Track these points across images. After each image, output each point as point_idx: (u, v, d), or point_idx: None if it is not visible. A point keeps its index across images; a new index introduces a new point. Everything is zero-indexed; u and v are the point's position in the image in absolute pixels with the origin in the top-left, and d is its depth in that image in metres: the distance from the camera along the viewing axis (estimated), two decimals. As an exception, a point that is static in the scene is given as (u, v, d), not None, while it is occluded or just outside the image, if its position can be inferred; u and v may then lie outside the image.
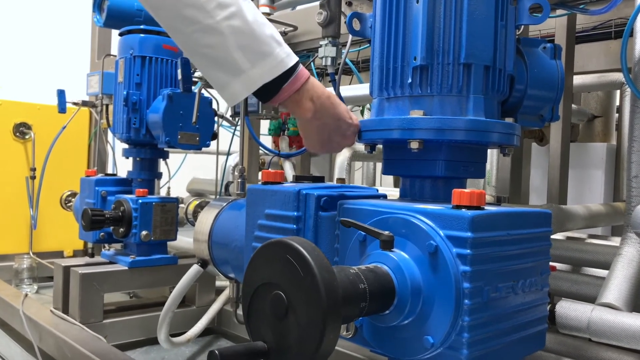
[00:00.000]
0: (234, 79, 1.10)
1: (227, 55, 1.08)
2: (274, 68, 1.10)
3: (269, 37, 1.10)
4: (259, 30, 1.09)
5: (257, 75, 1.09)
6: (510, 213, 1.05)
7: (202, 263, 1.68)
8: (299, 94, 1.15)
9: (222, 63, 1.10)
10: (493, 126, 1.13)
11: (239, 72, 1.09)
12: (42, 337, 2.01)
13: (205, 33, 1.07)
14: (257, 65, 1.09)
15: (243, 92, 1.12)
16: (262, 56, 1.09)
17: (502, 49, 1.16)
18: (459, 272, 0.94)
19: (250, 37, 1.08)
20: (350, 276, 0.91)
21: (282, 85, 1.11)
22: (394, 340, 1.01)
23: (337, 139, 1.22)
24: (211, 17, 1.06)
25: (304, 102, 1.16)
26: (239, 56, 1.08)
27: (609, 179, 2.71)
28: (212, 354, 0.79)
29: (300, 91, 1.14)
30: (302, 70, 1.15)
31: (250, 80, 1.10)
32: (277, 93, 1.12)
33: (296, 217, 1.27)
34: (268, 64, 1.09)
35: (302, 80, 1.14)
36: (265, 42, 1.09)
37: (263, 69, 1.09)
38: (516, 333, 1.06)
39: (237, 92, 1.12)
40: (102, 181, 2.37)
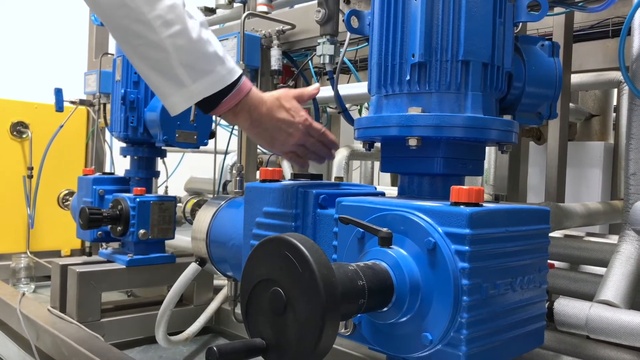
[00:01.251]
0: (175, 92, 1.19)
1: (170, 70, 1.17)
2: (214, 84, 1.19)
3: (211, 55, 1.19)
4: (202, 48, 1.18)
5: (197, 90, 1.19)
6: (508, 210, 1.05)
7: (200, 261, 1.68)
8: (237, 107, 1.25)
9: (165, 76, 1.18)
10: (491, 123, 1.12)
11: (181, 86, 1.18)
12: (39, 336, 2.00)
13: (150, 48, 1.16)
14: (198, 81, 1.18)
15: (183, 104, 1.21)
16: (204, 73, 1.18)
17: (500, 46, 1.16)
18: (458, 269, 0.94)
19: (193, 55, 1.17)
20: (348, 273, 0.90)
21: (221, 99, 1.21)
22: (392, 338, 1.01)
23: (281, 138, 1.32)
24: (156, 34, 1.14)
25: (242, 114, 1.27)
26: (182, 72, 1.17)
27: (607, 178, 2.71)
28: (211, 351, 0.79)
29: (238, 105, 1.25)
30: (244, 84, 1.24)
31: (191, 94, 1.19)
32: (216, 106, 1.23)
33: (294, 214, 1.27)
34: (208, 80, 1.19)
35: (242, 95, 1.24)
36: (208, 60, 1.19)
37: (203, 85, 1.19)
38: (515, 330, 1.06)
39: (177, 103, 1.21)
40: (99, 180, 2.37)
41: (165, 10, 1.15)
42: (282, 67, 2.06)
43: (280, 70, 2.03)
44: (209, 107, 1.23)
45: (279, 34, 2.01)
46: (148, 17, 1.13)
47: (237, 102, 1.24)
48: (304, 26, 1.99)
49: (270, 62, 2.03)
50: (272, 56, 2.01)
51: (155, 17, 1.14)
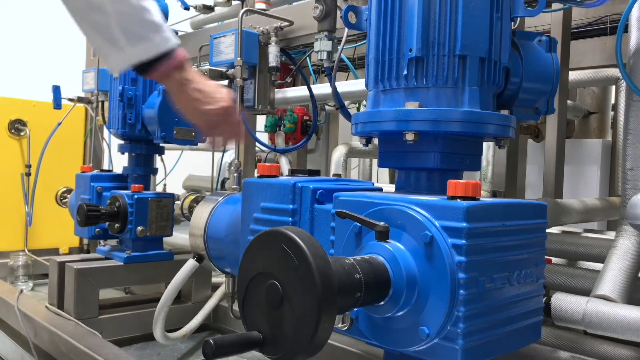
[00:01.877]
0: (113, 53, 1.31)
1: (110, 32, 1.27)
2: (148, 50, 1.29)
3: (149, 22, 1.29)
4: (141, 15, 1.28)
5: (133, 53, 1.29)
6: (505, 204, 1.05)
7: (198, 257, 1.67)
8: (170, 73, 1.35)
9: (105, 38, 1.29)
10: (489, 118, 1.13)
11: (119, 48, 1.29)
12: (37, 333, 2.00)
13: (92, 10, 1.26)
14: (135, 46, 1.29)
15: (121, 65, 1.33)
16: (140, 39, 1.29)
17: (497, 41, 1.16)
18: (454, 263, 0.94)
19: (131, 20, 1.27)
20: (345, 266, 0.90)
21: (154, 64, 1.31)
22: (389, 332, 1.01)
23: (202, 107, 1.40)
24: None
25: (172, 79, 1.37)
26: (120, 36, 1.27)
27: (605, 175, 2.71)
28: (207, 344, 0.79)
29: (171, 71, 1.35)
30: (177, 53, 1.34)
31: (127, 56, 1.30)
32: (149, 70, 1.33)
33: (292, 209, 1.27)
34: (144, 46, 1.29)
35: (174, 64, 1.33)
36: (145, 27, 1.29)
37: (139, 50, 1.29)
38: (512, 324, 1.06)
39: (115, 64, 1.34)
40: (97, 177, 2.37)
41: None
42: (280, 64, 2.05)
43: (279, 67, 2.03)
44: (144, 71, 1.34)
45: (277, 31, 2.01)
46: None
47: (170, 69, 1.33)
48: (301, 23, 1.99)
49: (268, 59, 2.03)
50: (270, 53, 2.01)
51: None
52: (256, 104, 2.05)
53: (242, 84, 1.94)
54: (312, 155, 3.67)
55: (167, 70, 1.33)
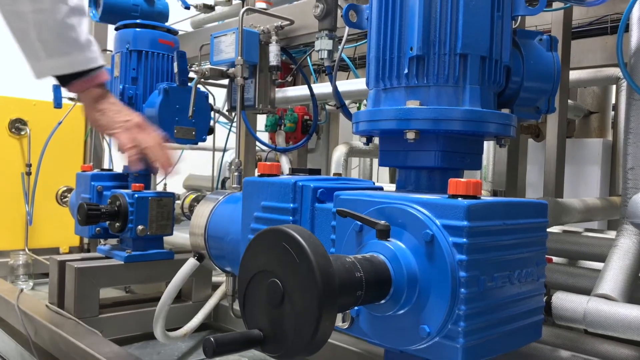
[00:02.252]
0: (32, 61, 1.34)
1: (29, 41, 1.31)
2: (65, 66, 1.33)
3: (71, 39, 1.32)
4: (63, 30, 1.30)
5: (49, 66, 1.33)
6: (506, 203, 1.05)
7: (198, 256, 1.67)
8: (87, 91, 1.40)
9: (25, 45, 1.33)
10: (489, 116, 1.13)
11: (36, 58, 1.32)
12: (37, 332, 2.00)
13: (13, 16, 1.29)
14: (52, 59, 1.32)
15: (38, 74, 1.36)
16: (59, 54, 1.32)
17: (498, 40, 1.16)
18: (455, 261, 0.94)
19: (52, 34, 1.29)
20: (346, 264, 0.90)
21: (72, 80, 1.36)
22: (390, 330, 1.01)
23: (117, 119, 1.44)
24: (19, 6, 1.26)
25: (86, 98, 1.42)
26: (38, 46, 1.31)
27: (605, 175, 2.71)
28: (208, 341, 0.79)
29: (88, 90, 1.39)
30: (99, 75, 1.39)
31: (43, 67, 1.34)
32: (67, 85, 1.37)
33: (292, 208, 1.27)
34: (62, 61, 1.33)
35: (92, 84, 1.38)
36: (65, 43, 1.31)
37: (56, 64, 1.33)
38: (512, 323, 1.06)
39: (34, 71, 1.36)
40: (98, 176, 2.36)
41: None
42: (280, 63, 2.05)
43: (279, 66, 2.03)
44: (63, 83, 1.39)
45: (277, 30, 2.00)
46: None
47: (88, 87, 1.37)
48: (302, 22, 1.99)
49: (268, 58, 2.03)
50: (270, 52, 2.01)
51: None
52: (257, 103, 2.05)
53: (242, 83, 1.94)
54: (312, 154, 3.67)
55: (83, 87, 1.37)
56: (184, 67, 2.03)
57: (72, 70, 1.34)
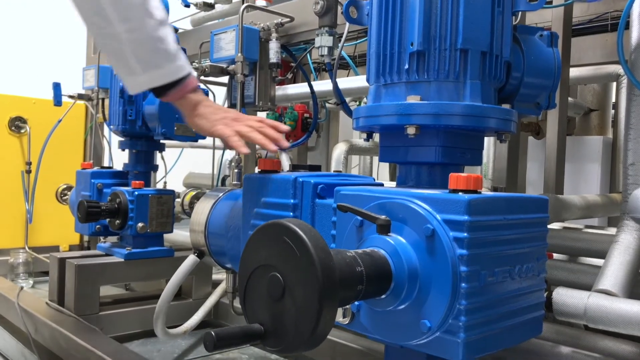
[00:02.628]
0: (128, 78, 1.41)
1: (125, 59, 1.37)
2: (160, 77, 1.39)
3: (162, 51, 1.38)
4: (154, 45, 1.36)
5: (146, 80, 1.39)
6: (507, 198, 1.05)
7: (198, 253, 1.67)
8: (182, 99, 1.45)
9: (121, 63, 1.40)
10: (490, 111, 1.12)
11: (133, 74, 1.39)
12: (37, 329, 2.00)
13: (107, 38, 1.36)
14: (147, 73, 1.38)
15: (135, 88, 1.44)
16: (153, 67, 1.38)
17: (499, 35, 1.16)
18: (456, 256, 0.94)
19: (145, 50, 1.36)
20: (347, 259, 0.90)
21: (167, 90, 1.42)
22: (390, 325, 1.01)
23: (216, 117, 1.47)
24: (113, 27, 1.33)
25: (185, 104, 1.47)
26: (134, 63, 1.37)
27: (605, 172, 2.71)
28: (208, 335, 0.79)
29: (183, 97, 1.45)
30: (188, 82, 1.44)
31: (141, 82, 1.40)
32: (163, 95, 1.44)
33: (293, 204, 1.27)
34: (157, 73, 1.39)
35: (186, 90, 1.44)
36: (158, 56, 1.38)
37: (152, 77, 1.39)
38: (513, 318, 1.06)
39: (130, 87, 1.44)
40: (98, 174, 2.36)
41: (124, 7, 1.32)
42: (280, 60, 2.05)
43: (279, 64, 2.03)
44: (158, 94, 1.44)
45: (277, 27, 2.00)
46: (107, 12, 1.31)
47: (183, 94, 1.43)
48: (302, 19, 1.98)
49: (268, 55, 2.02)
50: (270, 49, 2.01)
51: (113, 13, 1.32)
52: (257, 101, 2.05)
53: (242, 80, 1.93)
54: (312, 153, 3.67)
55: (179, 95, 1.43)
56: (184, 64, 2.02)
57: (167, 81, 1.39)
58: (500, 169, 2.01)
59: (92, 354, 1.67)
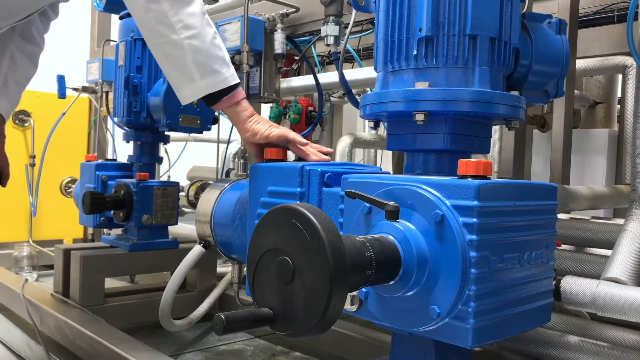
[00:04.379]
0: (186, 85, 1.42)
1: (185, 66, 1.40)
2: (219, 83, 1.41)
3: (220, 58, 1.42)
4: (213, 51, 1.40)
5: (205, 85, 1.41)
6: (516, 184, 1.05)
7: (204, 244, 1.67)
8: (238, 104, 1.46)
9: (180, 71, 1.41)
10: (499, 98, 1.12)
11: (192, 80, 1.41)
12: (43, 320, 2.00)
13: (170, 46, 1.39)
14: (206, 79, 1.40)
15: (192, 96, 1.44)
16: (212, 72, 1.40)
17: (507, 21, 1.15)
18: (466, 241, 0.93)
19: (205, 56, 1.39)
20: (356, 244, 0.90)
21: (223, 96, 1.43)
22: (399, 312, 1.01)
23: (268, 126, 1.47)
24: (176, 34, 1.37)
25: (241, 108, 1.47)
26: (193, 69, 1.39)
27: (611, 165, 2.70)
28: (218, 318, 0.78)
29: (238, 102, 1.46)
30: (240, 91, 1.47)
31: (199, 88, 1.41)
32: (217, 102, 1.44)
33: (300, 193, 1.26)
34: (215, 79, 1.41)
35: (240, 97, 1.46)
36: (217, 62, 1.41)
37: (210, 82, 1.40)
38: (522, 305, 1.06)
39: (187, 95, 1.45)
40: (102, 166, 2.36)
41: (187, 15, 1.36)
42: (286, 51, 2.04)
43: (284, 54, 2.02)
44: (212, 102, 1.45)
45: (282, 17, 1.99)
46: (171, 20, 1.36)
47: (236, 101, 1.45)
48: (308, 9, 1.98)
49: (273, 46, 2.02)
50: (275, 40, 2.00)
51: (177, 21, 1.36)
52: (262, 92, 2.04)
53: (248, 70, 1.93)
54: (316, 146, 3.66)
55: (231, 102, 1.45)
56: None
57: (224, 86, 1.42)
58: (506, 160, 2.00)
59: (98, 344, 1.67)
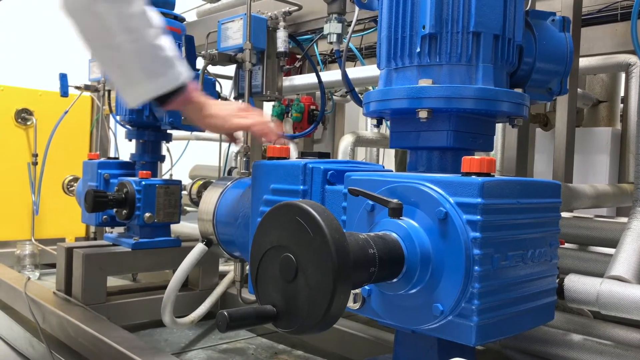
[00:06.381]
0: (130, 88, 1.38)
1: (127, 70, 1.36)
2: (164, 85, 1.36)
3: (163, 59, 1.36)
4: (156, 53, 1.35)
5: (149, 88, 1.36)
6: (520, 181, 1.04)
7: (206, 242, 1.67)
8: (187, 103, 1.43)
9: (122, 74, 1.38)
10: (502, 95, 1.11)
11: (135, 84, 1.37)
12: (45, 318, 2.00)
13: (110, 49, 1.34)
14: (151, 81, 1.36)
15: (138, 99, 1.39)
16: (156, 74, 1.36)
17: (511, 19, 1.14)
18: (469, 239, 0.93)
19: (147, 59, 1.35)
20: (359, 241, 0.90)
21: (170, 98, 1.38)
22: (402, 310, 1.01)
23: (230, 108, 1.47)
24: (115, 38, 1.31)
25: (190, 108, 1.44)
26: (136, 73, 1.36)
27: (614, 164, 2.69)
28: (221, 315, 0.78)
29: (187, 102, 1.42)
30: (190, 89, 1.41)
31: (144, 91, 1.37)
32: (166, 103, 1.40)
33: (302, 190, 1.26)
34: (159, 81, 1.36)
35: (189, 95, 1.41)
36: (160, 64, 1.36)
37: (155, 85, 1.36)
38: (525, 303, 1.06)
39: (132, 99, 1.40)
40: (105, 164, 2.36)
41: (126, 17, 1.31)
42: (288, 49, 2.04)
43: (287, 52, 2.02)
44: (162, 103, 1.40)
45: (285, 16, 1.99)
46: (110, 24, 1.30)
47: (185, 99, 1.41)
48: (310, 7, 1.97)
49: (276, 44, 2.02)
50: (278, 38, 2.00)
51: (116, 24, 1.30)
52: (264, 90, 2.04)
53: (250, 68, 1.92)
54: (318, 145, 3.66)
55: (182, 101, 1.41)
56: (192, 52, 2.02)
57: (171, 87, 1.37)
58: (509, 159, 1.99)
59: (101, 342, 1.67)
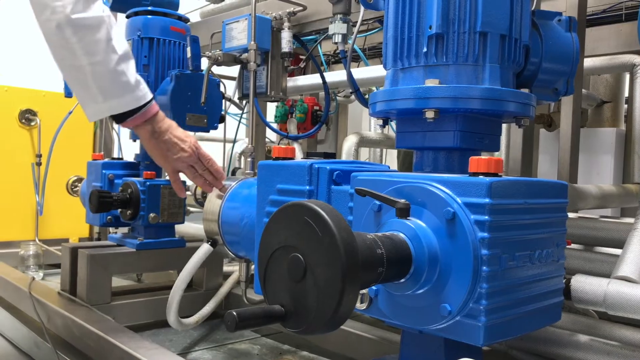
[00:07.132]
0: (90, 105, 1.50)
1: (87, 88, 1.46)
2: (121, 106, 1.50)
3: (123, 84, 1.48)
4: (116, 77, 1.47)
5: (107, 107, 1.49)
6: (527, 182, 1.04)
7: (212, 242, 1.67)
8: (141, 125, 1.56)
9: (84, 91, 1.48)
10: (509, 95, 1.11)
11: (95, 102, 1.48)
12: (50, 318, 2.00)
13: (73, 68, 1.45)
14: (108, 101, 1.48)
15: (96, 115, 1.53)
16: (114, 96, 1.48)
17: (517, 19, 1.14)
18: (477, 239, 0.93)
19: (107, 81, 1.46)
20: (367, 241, 0.89)
21: (127, 117, 1.52)
22: (410, 310, 1.00)
23: (174, 152, 1.62)
24: (79, 60, 1.41)
25: (143, 130, 1.57)
26: (96, 92, 1.46)
27: (618, 164, 2.69)
28: (230, 315, 0.78)
29: (143, 123, 1.55)
30: (150, 109, 1.55)
31: (102, 109, 1.50)
32: (123, 122, 1.54)
33: (308, 191, 1.26)
34: (117, 102, 1.49)
35: (146, 117, 1.55)
36: (119, 87, 1.48)
37: (112, 105, 1.49)
38: (533, 304, 1.05)
39: (91, 114, 1.52)
40: (109, 164, 2.36)
41: (90, 43, 1.41)
42: (292, 50, 2.04)
43: (291, 53, 2.02)
44: (118, 121, 1.54)
45: (289, 16, 1.99)
46: (74, 47, 1.40)
47: (141, 121, 1.54)
48: (315, 7, 1.98)
49: (280, 45, 2.02)
50: (282, 38, 2.00)
51: (80, 48, 1.40)
52: (269, 90, 2.04)
53: (255, 69, 1.93)
54: (322, 146, 3.67)
55: (137, 122, 1.54)
56: (197, 52, 2.02)
57: (126, 109, 1.49)
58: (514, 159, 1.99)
59: (106, 342, 1.67)
